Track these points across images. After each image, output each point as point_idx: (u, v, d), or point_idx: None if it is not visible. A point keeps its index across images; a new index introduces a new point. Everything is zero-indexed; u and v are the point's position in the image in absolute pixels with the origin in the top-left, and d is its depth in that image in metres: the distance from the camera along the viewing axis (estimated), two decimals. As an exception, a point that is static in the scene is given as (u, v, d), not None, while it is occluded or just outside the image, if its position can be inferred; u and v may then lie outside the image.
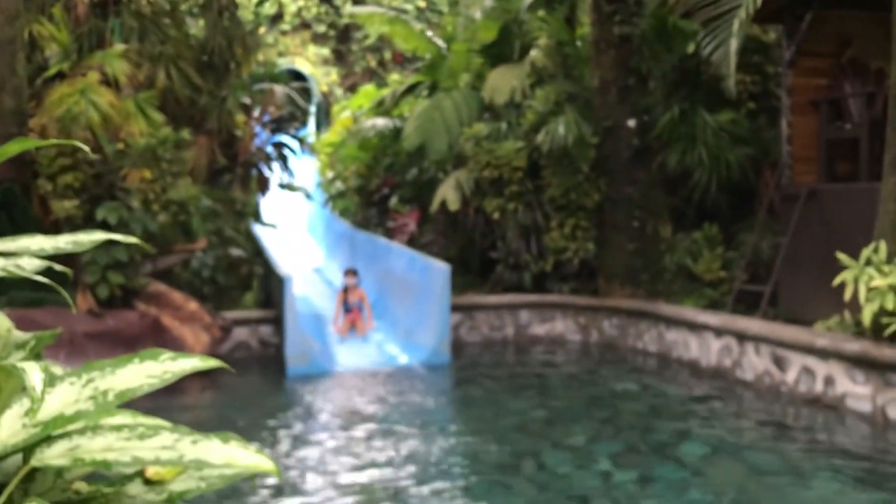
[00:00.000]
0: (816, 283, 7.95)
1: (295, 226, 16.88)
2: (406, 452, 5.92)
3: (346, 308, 10.53)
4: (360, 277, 10.84)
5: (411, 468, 5.56)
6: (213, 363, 1.38)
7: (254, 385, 8.51)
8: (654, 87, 10.82)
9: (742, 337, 8.08)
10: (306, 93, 17.41)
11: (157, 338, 8.55)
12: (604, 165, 10.70)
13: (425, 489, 5.13)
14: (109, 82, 10.19)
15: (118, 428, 1.28)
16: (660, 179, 10.64)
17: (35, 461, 1.23)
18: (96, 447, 1.24)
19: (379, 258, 11.98)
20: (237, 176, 11.93)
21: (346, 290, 10.61)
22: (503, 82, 11.32)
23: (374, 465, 5.68)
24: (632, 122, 10.67)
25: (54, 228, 9.00)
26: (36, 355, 1.60)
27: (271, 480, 5.28)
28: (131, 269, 8.83)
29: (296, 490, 5.16)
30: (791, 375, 7.38)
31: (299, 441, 6.32)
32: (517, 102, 11.33)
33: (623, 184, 10.66)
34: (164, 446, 1.24)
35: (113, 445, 1.24)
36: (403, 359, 9.45)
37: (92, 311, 8.50)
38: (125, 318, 8.55)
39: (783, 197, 8.98)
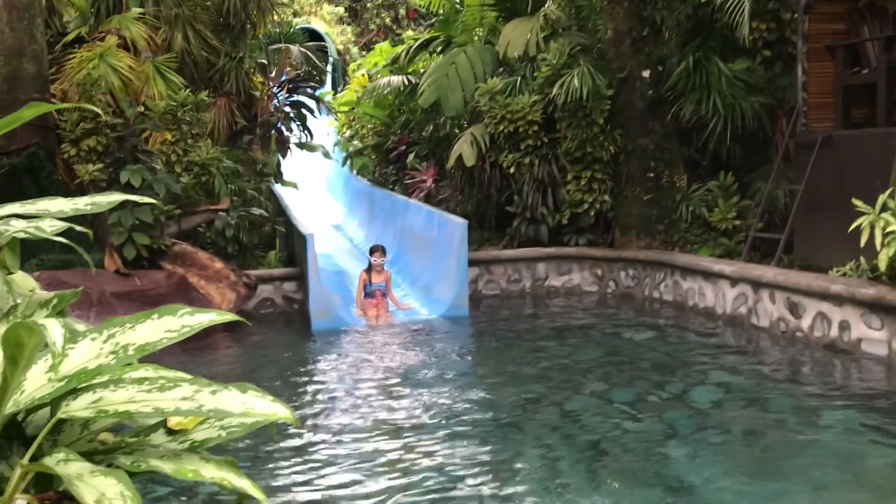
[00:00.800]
0: (832, 229, 7.99)
1: (314, 184, 17.02)
2: (426, 400, 6.11)
3: (368, 292, 9.53)
4: (385, 249, 9.74)
5: (431, 414, 5.75)
6: (229, 317, 1.49)
7: (279, 340, 8.74)
8: (668, 37, 10.77)
9: (757, 284, 8.16)
10: (322, 52, 17.39)
11: (185, 296, 8.77)
12: (619, 117, 10.71)
13: (445, 434, 5.31)
14: (128, 46, 10.30)
15: (139, 381, 1.40)
16: (674, 130, 10.64)
17: (61, 413, 1.34)
18: (119, 399, 1.35)
19: (397, 215, 12.12)
20: (256, 136, 12.05)
21: (369, 268, 9.59)
22: (517, 36, 11.30)
23: (395, 411, 5.87)
24: (646, 73, 10.64)
25: (80, 192, 9.20)
26: (59, 313, 1.70)
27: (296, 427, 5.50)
28: (156, 230, 9.02)
29: (320, 434, 5.37)
30: (806, 322, 7.48)
31: (323, 391, 6.53)
32: (531, 56, 11.32)
33: (638, 135, 10.68)
34: (184, 397, 1.35)
35: (135, 397, 1.35)
36: (423, 312, 9.64)
37: (119, 272, 8.72)
38: (152, 278, 8.77)
39: (798, 144, 8.97)
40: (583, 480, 4.49)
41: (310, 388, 6.60)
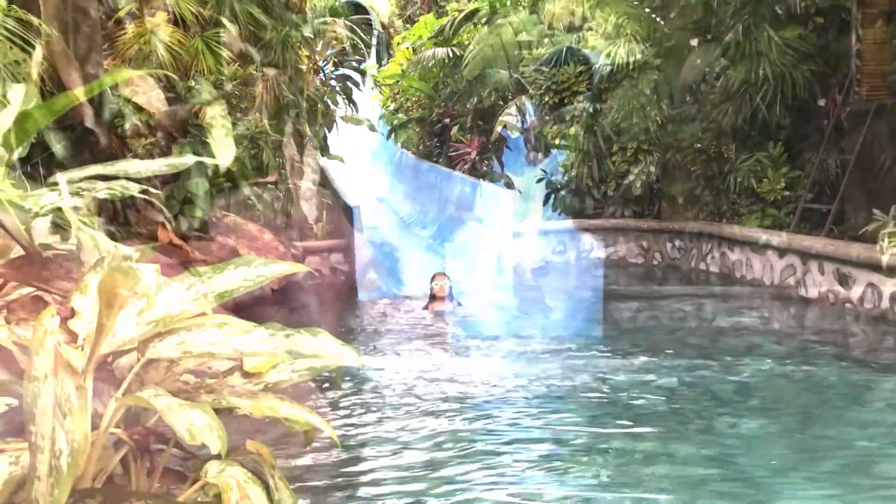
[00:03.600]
0: (884, 200, 7.84)
1: (360, 158, 17.13)
2: (471, 366, 6.21)
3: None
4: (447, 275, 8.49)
5: (476, 381, 5.84)
6: (300, 267, 1.59)
7: (327, 309, 8.90)
8: (718, 5, 10.58)
9: (806, 255, 8.08)
10: (367, 25, 17.42)
11: (235, 267, 8.95)
12: (666, 87, 10.59)
13: (493, 394, 5.40)
14: (177, 21, 10.46)
15: (220, 325, 1.50)
16: (723, 99, 10.48)
17: (150, 353, 1.45)
18: (202, 341, 1.46)
19: (441, 187, 12.19)
20: (303, 110, 12.16)
21: (432, 297, 8.36)
22: (562, 6, 11.22)
23: (443, 374, 5.97)
24: (694, 42, 10.49)
25: (134, 165, 9.42)
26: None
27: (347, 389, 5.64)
28: (207, 203, 9.22)
29: (377, 389, 5.50)
30: (856, 293, 7.39)
31: (373, 353, 6.67)
32: (577, 26, 11.24)
33: (686, 105, 10.56)
34: (261, 340, 1.45)
35: (216, 340, 1.46)
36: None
37: (172, 243, 8.94)
38: (205, 249, 8.98)
39: (851, 113, 8.79)
40: (625, 446, 4.54)
41: (361, 351, 6.74)
